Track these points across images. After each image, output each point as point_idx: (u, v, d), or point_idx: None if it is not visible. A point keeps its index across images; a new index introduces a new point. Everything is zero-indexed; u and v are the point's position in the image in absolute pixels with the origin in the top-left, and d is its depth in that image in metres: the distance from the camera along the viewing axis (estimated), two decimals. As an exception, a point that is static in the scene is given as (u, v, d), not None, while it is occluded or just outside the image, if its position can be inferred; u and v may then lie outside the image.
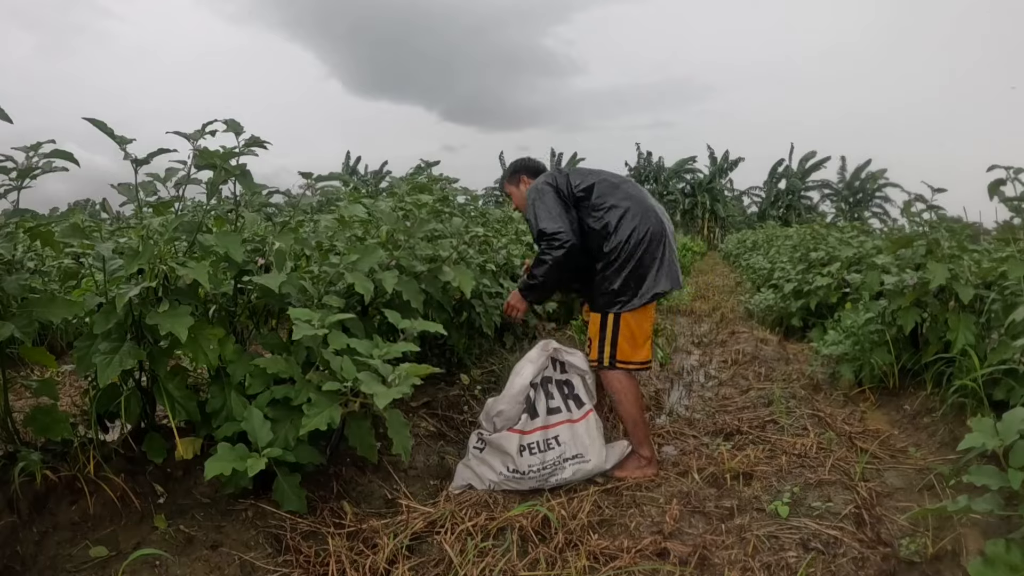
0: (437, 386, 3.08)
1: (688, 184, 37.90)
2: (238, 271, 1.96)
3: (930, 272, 2.81)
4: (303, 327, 1.70)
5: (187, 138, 1.79)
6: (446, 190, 2.80)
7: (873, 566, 1.67)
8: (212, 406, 1.84)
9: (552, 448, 2.21)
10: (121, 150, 1.75)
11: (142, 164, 1.77)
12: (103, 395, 1.79)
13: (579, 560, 1.72)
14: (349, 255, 2.03)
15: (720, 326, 6.11)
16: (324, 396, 1.75)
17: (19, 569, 1.53)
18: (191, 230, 1.83)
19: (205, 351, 1.75)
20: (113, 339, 1.70)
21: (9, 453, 1.74)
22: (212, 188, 1.86)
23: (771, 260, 8.35)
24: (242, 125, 1.86)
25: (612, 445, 2.38)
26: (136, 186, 1.82)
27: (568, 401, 2.32)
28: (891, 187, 34.31)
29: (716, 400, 3.47)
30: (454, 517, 1.93)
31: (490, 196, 28.18)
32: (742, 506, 2.05)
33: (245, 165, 1.88)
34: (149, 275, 1.71)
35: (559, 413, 2.28)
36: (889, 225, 23.46)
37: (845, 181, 35.99)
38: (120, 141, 1.75)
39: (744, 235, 19.55)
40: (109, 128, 1.73)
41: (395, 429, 1.84)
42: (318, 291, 2.00)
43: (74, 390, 3.26)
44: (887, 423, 2.87)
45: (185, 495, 1.82)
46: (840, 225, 7.68)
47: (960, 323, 2.70)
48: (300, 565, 1.69)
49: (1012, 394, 2.30)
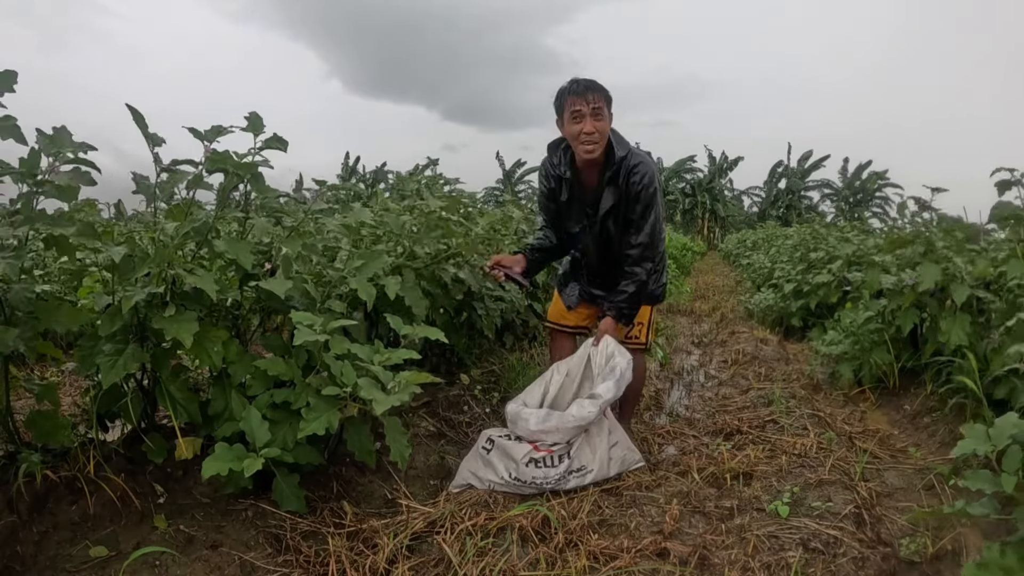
0: (437, 386, 3.08)
1: (688, 184, 37.90)
2: (244, 275, 1.95)
3: (921, 273, 2.81)
4: (304, 331, 1.70)
5: (200, 138, 1.75)
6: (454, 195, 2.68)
7: (873, 566, 1.67)
8: (214, 407, 1.84)
9: (561, 463, 2.16)
10: (149, 147, 1.71)
11: (166, 170, 1.73)
12: (104, 395, 1.79)
13: (579, 560, 1.72)
14: (353, 260, 2.02)
15: (720, 326, 6.11)
16: (323, 400, 1.74)
17: (19, 569, 1.53)
18: (201, 234, 1.81)
19: (209, 353, 1.75)
20: (118, 341, 1.70)
21: (9, 453, 1.74)
22: (223, 193, 1.83)
23: (772, 259, 8.35)
24: (263, 123, 1.79)
25: (613, 452, 2.30)
26: (156, 185, 1.77)
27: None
28: (891, 187, 34.36)
29: (716, 400, 3.47)
30: (454, 517, 1.93)
31: (490, 196, 28.18)
32: (742, 506, 2.05)
33: (258, 166, 1.83)
34: (156, 279, 1.70)
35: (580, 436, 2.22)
36: (889, 225, 23.46)
37: (846, 181, 36.01)
38: (153, 140, 1.71)
39: (744, 235, 19.57)
40: (144, 122, 1.69)
41: (393, 436, 1.83)
42: (321, 295, 1.99)
43: (75, 390, 3.26)
44: (887, 423, 2.87)
45: (185, 495, 1.82)
46: (840, 225, 7.69)
47: (954, 323, 2.70)
48: (300, 565, 1.69)
49: (1013, 394, 2.30)
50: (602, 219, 2.36)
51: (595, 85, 2.25)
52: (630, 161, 2.29)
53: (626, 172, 2.29)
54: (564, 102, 2.26)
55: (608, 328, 2.41)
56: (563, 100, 2.26)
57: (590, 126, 2.21)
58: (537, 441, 2.16)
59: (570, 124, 2.25)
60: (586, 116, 2.21)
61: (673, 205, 36.52)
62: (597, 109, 2.21)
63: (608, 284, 2.52)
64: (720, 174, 37.64)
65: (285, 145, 1.85)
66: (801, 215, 33.76)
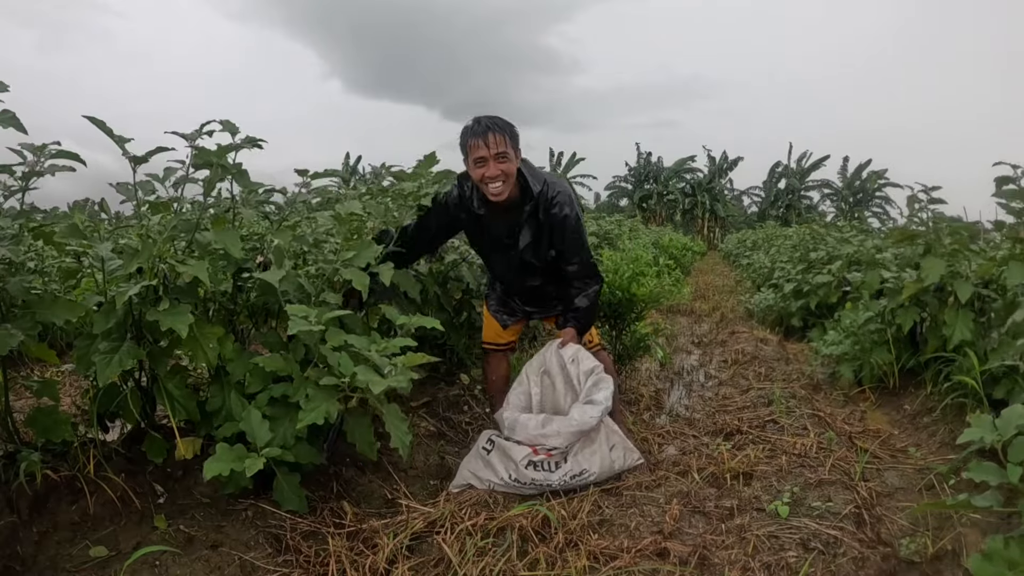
0: (437, 386, 3.08)
1: (688, 184, 37.92)
2: (237, 269, 1.95)
3: (926, 268, 2.81)
4: (299, 323, 1.70)
5: (184, 138, 1.79)
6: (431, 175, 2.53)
7: (873, 566, 1.67)
8: (212, 405, 1.84)
9: (559, 468, 2.16)
10: (120, 149, 1.75)
11: (140, 163, 1.76)
12: (103, 395, 1.79)
13: (579, 560, 1.72)
14: (345, 251, 2.02)
15: (720, 326, 6.11)
16: (321, 391, 1.74)
17: (19, 569, 1.53)
18: (189, 228, 1.83)
19: (205, 350, 1.75)
20: (113, 338, 1.70)
21: (9, 453, 1.74)
22: (209, 186, 1.86)
23: (772, 259, 8.36)
24: (237, 126, 1.85)
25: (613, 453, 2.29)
26: (135, 186, 1.82)
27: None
28: (891, 187, 34.36)
29: (716, 400, 3.47)
30: (454, 517, 1.93)
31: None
32: (742, 506, 2.05)
33: (241, 164, 1.88)
34: (148, 274, 1.71)
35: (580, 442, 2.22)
36: (889, 226, 23.45)
37: (846, 180, 36.02)
38: (119, 140, 1.74)
39: (744, 235, 19.58)
40: (108, 127, 1.73)
41: (393, 424, 1.81)
42: (316, 288, 1.99)
43: (74, 390, 3.26)
44: (887, 423, 2.87)
45: (185, 495, 1.82)
46: (839, 225, 7.69)
47: (958, 319, 2.70)
48: (300, 565, 1.69)
49: (1012, 393, 2.30)
50: (520, 253, 2.34)
51: (497, 124, 2.16)
52: (548, 193, 2.25)
53: (545, 204, 2.25)
54: (467, 144, 2.19)
55: (571, 336, 2.43)
56: (466, 141, 2.19)
57: (493, 169, 2.15)
58: (537, 445, 2.17)
59: (473, 168, 2.19)
60: (489, 160, 2.14)
61: (673, 205, 36.57)
62: (500, 153, 2.14)
63: (538, 301, 2.56)
64: (720, 174, 37.66)
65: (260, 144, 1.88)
66: (801, 215, 33.78)
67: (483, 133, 2.14)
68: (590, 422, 2.16)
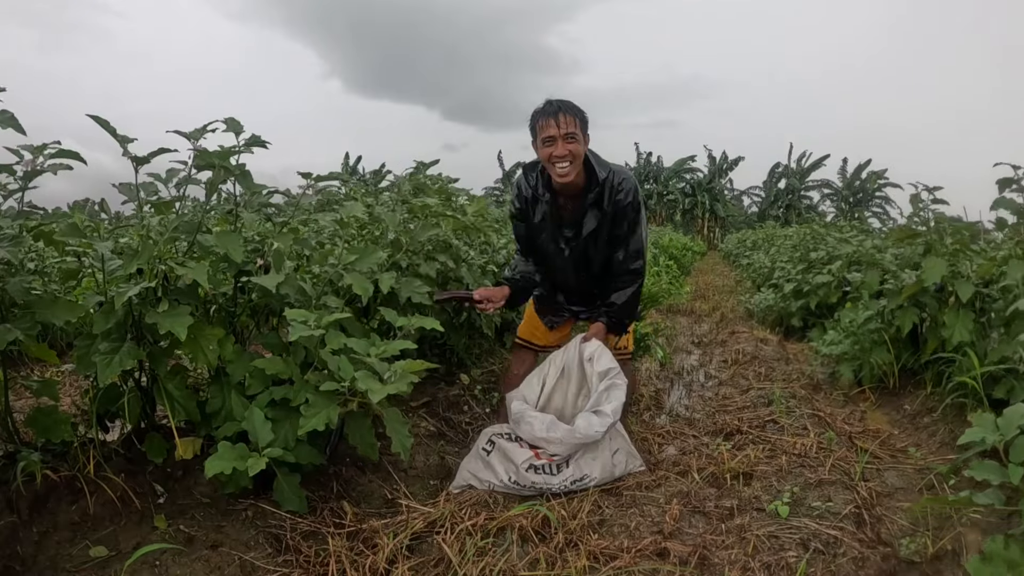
0: (437, 386, 3.08)
1: (688, 184, 37.90)
2: (237, 271, 1.95)
3: (927, 268, 2.80)
4: (299, 327, 1.70)
5: (187, 137, 1.78)
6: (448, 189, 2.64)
7: (873, 566, 1.67)
8: (212, 406, 1.84)
9: (561, 472, 2.16)
10: (122, 148, 1.74)
11: (142, 163, 1.76)
12: (103, 395, 1.79)
13: (579, 560, 1.72)
14: (348, 256, 2.02)
15: (720, 326, 6.11)
16: (322, 396, 1.74)
17: (19, 569, 1.53)
18: (190, 230, 1.82)
19: (205, 351, 1.75)
20: (113, 339, 1.70)
21: (9, 453, 1.74)
22: (211, 188, 1.85)
23: (772, 259, 8.36)
24: (242, 124, 1.85)
25: (616, 458, 2.28)
26: (136, 186, 1.81)
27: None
28: (891, 187, 34.36)
29: (716, 400, 3.47)
30: (454, 517, 1.93)
31: (489, 195, 28.16)
32: (742, 506, 2.05)
33: (244, 165, 1.87)
34: (148, 275, 1.71)
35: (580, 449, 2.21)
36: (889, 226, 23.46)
37: (846, 180, 36.01)
38: (122, 140, 1.73)
39: (744, 235, 19.59)
40: (111, 126, 1.72)
41: (393, 427, 1.83)
42: (317, 291, 1.99)
43: (74, 390, 3.26)
44: (887, 423, 2.87)
45: (185, 495, 1.82)
46: (839, 225, 7.69)
47: (958, 319, 2.70)
48: (300, 565, 1.69)
49: (1012, 393, 2.30)
50: (584, 241, 2.34)
51: (568, 106, 2.20)
52: (613, 180, 2.26)
53: (611, 192, 2.26)
54: (537, 124, 2.22)
55: (599, 332, 2.41)
56: (536, 122, 2.23)
57: (562, 149, 2.17)
58: (539, 448, 2.16)
59: (542, 147, 2.22)
60: (557, 140, 2.17)
61: (673, 205, 36.54)
62: (569, 134, 2.16)
63: (586, 300, 2.53)
64: (720, 174, 37.63)
65: (265, 144, 1.87)
66: (801, 215, 33.77)
67: (553, 113, 2.17)
68: (594, 436, 2.13)
